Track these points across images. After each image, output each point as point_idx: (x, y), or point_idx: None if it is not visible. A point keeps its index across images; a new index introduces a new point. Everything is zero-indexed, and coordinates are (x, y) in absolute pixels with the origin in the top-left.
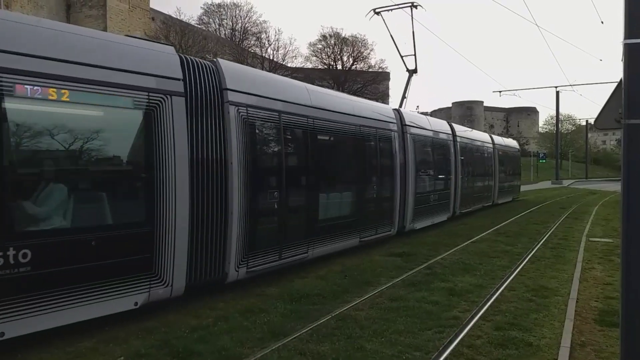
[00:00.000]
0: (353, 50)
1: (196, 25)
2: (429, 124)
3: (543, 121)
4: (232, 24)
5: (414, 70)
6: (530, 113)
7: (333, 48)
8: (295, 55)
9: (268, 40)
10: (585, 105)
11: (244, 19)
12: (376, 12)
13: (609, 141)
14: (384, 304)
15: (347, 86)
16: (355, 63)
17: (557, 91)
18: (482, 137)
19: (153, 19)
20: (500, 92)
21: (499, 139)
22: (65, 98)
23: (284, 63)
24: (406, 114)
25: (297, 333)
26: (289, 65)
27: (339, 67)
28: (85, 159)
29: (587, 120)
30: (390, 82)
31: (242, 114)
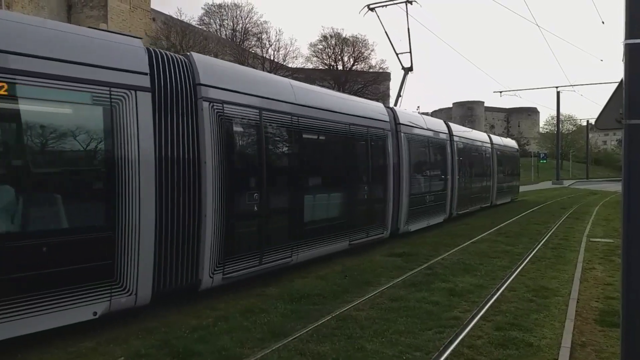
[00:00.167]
0: (354, 51)
1: (197, 26)
2: (425, 123)
3: (544, 121)
4: (233, 24)
5: (410, 68)
6: (531, 113)
7: (334, 48)
8: (296, 56)
9: (269, 41)
10: (586, 105)
11: (244, 19)
12: (370, 8)
13: (610, 141)
14: (385, 304)
15: (348, 86)
16: (356, 63)
17: (558, 91)
18: (480, 136)
19: (154, 19)
20: (500, 92)
21: (497, 139)
22: (3, 92)
23: (284, 63)
24: (400, 113)
25: (298, 333)
26: (289, 65)
27: (340, 67)
28: (35, 158)
29: (587, 121)
30: (391, 82)
31: (217, 111)
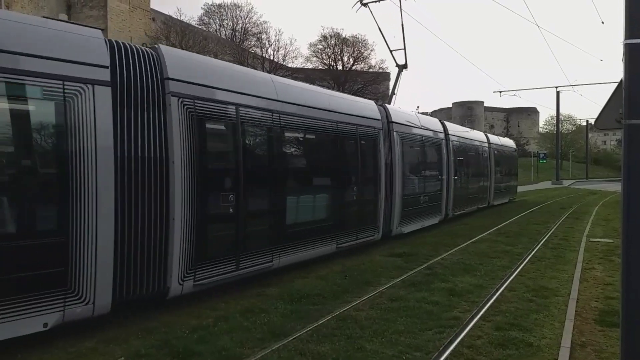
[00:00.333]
0: (353, 51)
1: (197, 26)
2: (419, 121)
3: (543, 121)
4: (233, 24)
5: (404, 66)
6: (530, 113)
7: (333, 48)
8: (295, 56)
9: (268, 41)
10: (586, 105)
11: (244, 19)
12: (363, 4)
13: (610, 141)
14: (384, 304)
15: (348, 86)
16: (356, 63)
17: (558, 91)
18: (477, 136)
19: (154, 19)
20: (500, 92)
21: (494, 138)
22: None
23: (284, 63)
24: (393, 111)
25: (298, 333)
26: (289, 65)
27: (340, 67)
28: None
29: (587, 121)
30: (391, 82)
31: (187, 107)
